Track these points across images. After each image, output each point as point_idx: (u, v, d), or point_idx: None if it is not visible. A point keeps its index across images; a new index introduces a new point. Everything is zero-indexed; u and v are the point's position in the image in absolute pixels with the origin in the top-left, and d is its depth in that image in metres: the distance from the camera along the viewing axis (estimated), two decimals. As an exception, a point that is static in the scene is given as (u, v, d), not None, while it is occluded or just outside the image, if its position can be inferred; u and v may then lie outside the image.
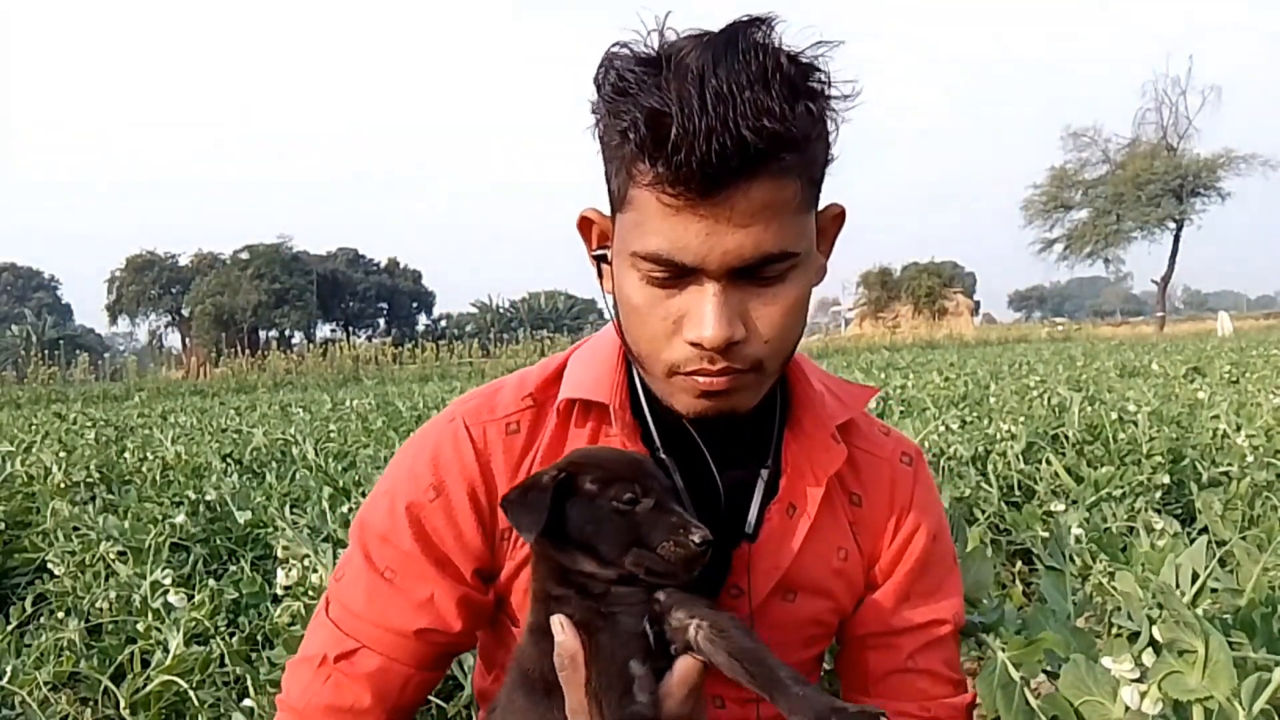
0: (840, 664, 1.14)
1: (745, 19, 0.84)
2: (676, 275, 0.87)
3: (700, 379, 0.91)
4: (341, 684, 1.01)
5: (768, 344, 0.90)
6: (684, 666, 0.86)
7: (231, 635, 2.09)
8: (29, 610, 2.42)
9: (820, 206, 0.93)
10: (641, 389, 1.02)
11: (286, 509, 2.84)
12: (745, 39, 0.81)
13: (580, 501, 0.90)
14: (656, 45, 0.85)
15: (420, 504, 1.01)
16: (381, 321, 72.22)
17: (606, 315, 1.01)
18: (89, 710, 2.11)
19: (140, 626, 2.08)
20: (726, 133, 0.78)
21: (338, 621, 1.03)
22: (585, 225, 0.99)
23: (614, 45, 0.86)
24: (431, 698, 1.79)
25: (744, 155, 0.79)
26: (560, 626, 0.86)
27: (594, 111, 0.89)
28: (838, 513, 1.05)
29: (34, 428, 7.55)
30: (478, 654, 1.17)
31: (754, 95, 0.79)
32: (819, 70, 0.85)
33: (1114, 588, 1.61)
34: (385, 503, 1.03)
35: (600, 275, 1.00)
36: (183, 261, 64.14)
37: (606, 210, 0.96)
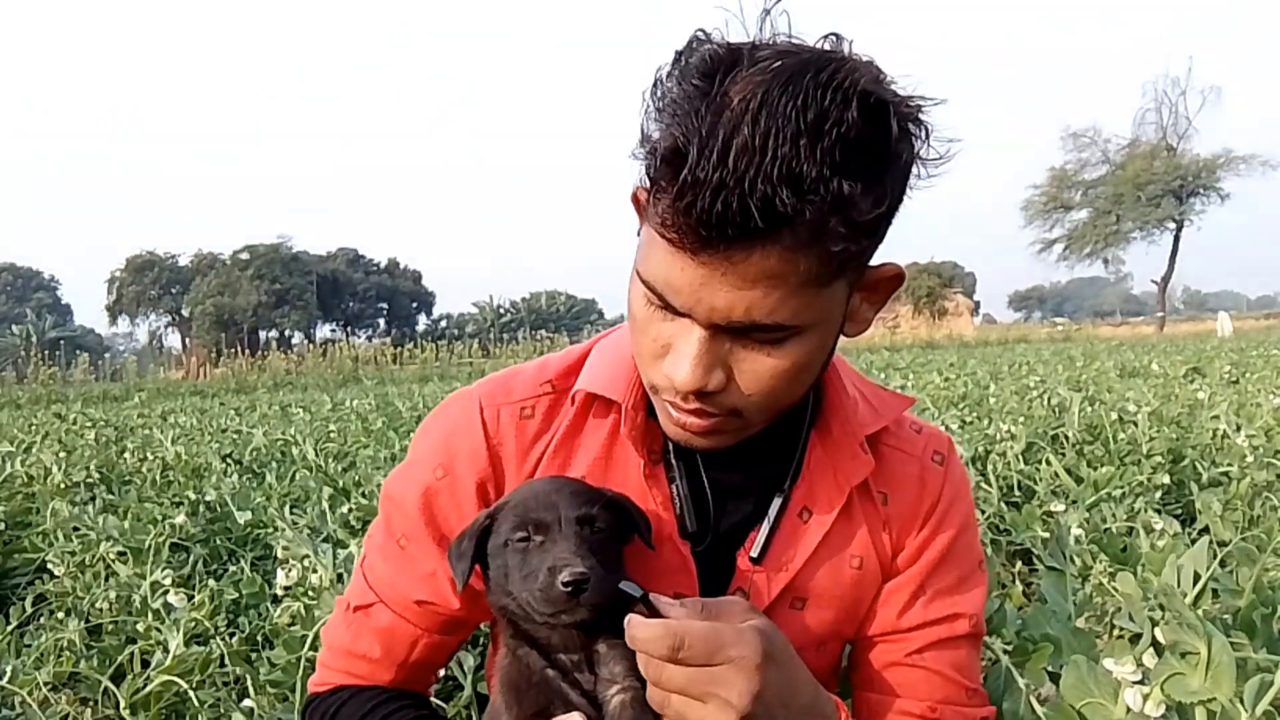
0: (850, 658, 1.11)
1: (830, 52, 0.75)
2: (671, 307, 0.83)
3: (674, 412, 0.90)
4: (358, 632, 1.07)
5: (750, 398, 0.86)
6: None
7: (231, 635, 2.08)
8: (29, 610, 2.41)
9: (876, 262, 0.86)
10: None
11: (286, 509, 2.84)
12: (816, 76, 0.71)
13: (494, 544, 0.92)
14: (749, 35, 0.78)
15: (429, 482, 1.02)
16: (381, 322, 72.29)
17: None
18: (89, 710, 2.10)
19: (140, 627, 2.07)
20: (736, 192, 0.71)
21: (366, 574, 1.08)
22: (636, 201, 0.92)
23: (698, 32, 0.78)
24: (432, 698, 1.79)
25: (744, 224, 0.72)
26: None
27: (642, 109, 0.80)
28: (856, 520, 1.02)
29: (34, 428, 7.54)
30: (491, 634, 1.17)
31: (791, 153, 0.70)
32: (901, 129, 0.76)
33: (1115, 588, 1.61)
34: (404, 474, 1.07)
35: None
36: (183, 262, 64.25)
37: None
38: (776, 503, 1.00)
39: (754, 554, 0.99)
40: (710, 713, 0.80)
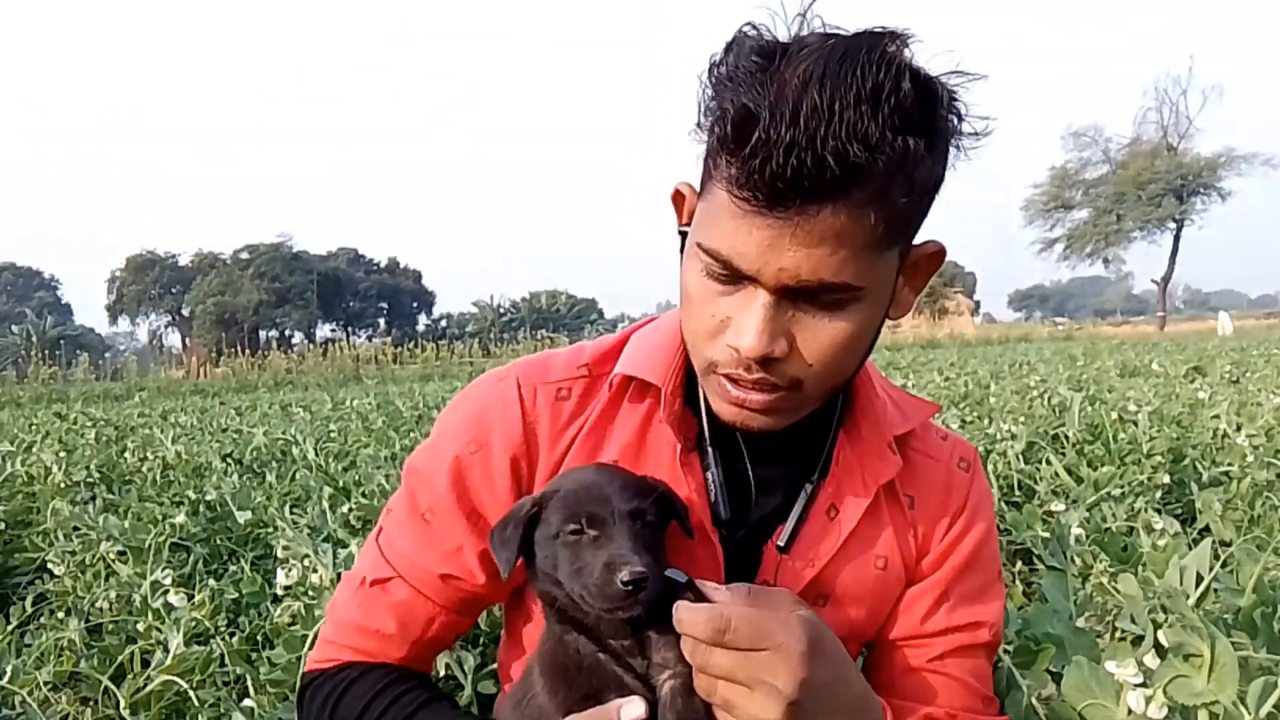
0: (867, 662, 1.11)
1: (878, 29, 0.79)
2: (733, 277, 0.85)
3: (733, 388, 0.90)
4: (372, 607, 1.05)
5: (811, 368, 0.87)
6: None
7: (232, 635, 2.08)
8: (29, 610, 2.41)
9: (918, 241, 0.89)
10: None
11: (287, 509, 2.84)
12: (870, 51, 0.75)
13: (542, 534, 0.91)
14: (788, 34, 0.81)
15: (462, 456, 1.02)
16: (382, 321, 72.33)
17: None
18: (89, 710, 2.10)
19: (140, 626, 2.07)
20: (810, 150, 0.74)
21: (383, 548, 1.07)
22: (678, 199, 0.96)
23: (745, 25, 0.82)
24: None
25: (819, 178, 0.75)
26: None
27: (701, 92, 0.84)
28: (882, 521, 1.03)
29: (34, 427, 7.53)
30: (503, 621, 1.17)
31: (855, 116, 0.74)
32: (947, 103, 0.80)
33: (1116, 589, 1.60)
34: (432, 449, 1.06)
35: (683, 250, 0.96)
36: (183, 261, 64.36)
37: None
38: (804, 495, 1.01)
39: (780, 543, 0.99)
40: (757, 700, 0.78)
